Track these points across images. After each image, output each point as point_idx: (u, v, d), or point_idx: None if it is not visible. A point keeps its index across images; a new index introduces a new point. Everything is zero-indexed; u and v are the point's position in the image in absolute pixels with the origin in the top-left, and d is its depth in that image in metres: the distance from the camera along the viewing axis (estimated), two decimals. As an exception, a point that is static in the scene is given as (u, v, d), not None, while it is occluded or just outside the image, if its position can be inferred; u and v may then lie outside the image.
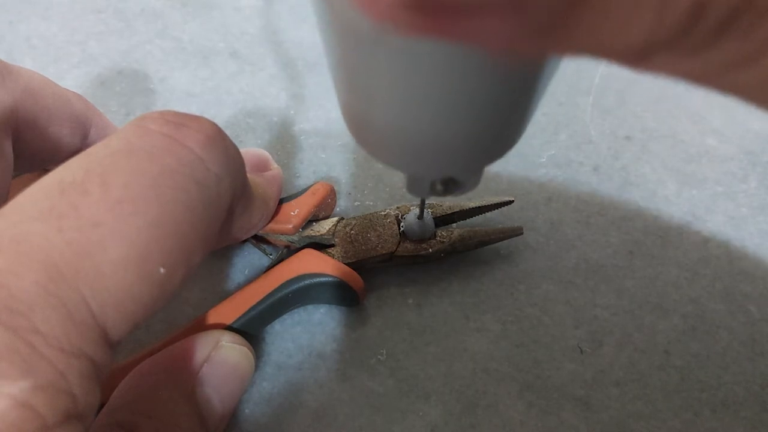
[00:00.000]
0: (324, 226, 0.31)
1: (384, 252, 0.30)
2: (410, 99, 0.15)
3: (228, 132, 0.21)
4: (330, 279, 0.29)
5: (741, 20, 0.09)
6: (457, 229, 0.31)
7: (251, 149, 0.30)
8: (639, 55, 0.10)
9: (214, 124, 0.20)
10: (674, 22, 0.09)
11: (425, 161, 0.18)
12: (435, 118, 0.16)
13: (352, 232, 0.31)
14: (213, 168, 0.19)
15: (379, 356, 0.30)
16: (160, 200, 0.17)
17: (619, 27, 0.10)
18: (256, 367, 0.28)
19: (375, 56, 0.14)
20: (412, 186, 0.22)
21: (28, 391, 0.14)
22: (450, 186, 0.21)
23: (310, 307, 0.32)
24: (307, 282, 0.29)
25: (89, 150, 0.18)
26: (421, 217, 0.30)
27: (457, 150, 0.17)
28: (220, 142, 0.20)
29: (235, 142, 0.21)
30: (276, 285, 0.29)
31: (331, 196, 0.32)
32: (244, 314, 0.28)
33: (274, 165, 0.30)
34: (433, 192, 0.21)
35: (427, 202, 0.32)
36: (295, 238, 0.30)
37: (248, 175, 0.23)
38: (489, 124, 0.16)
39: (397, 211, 0.32)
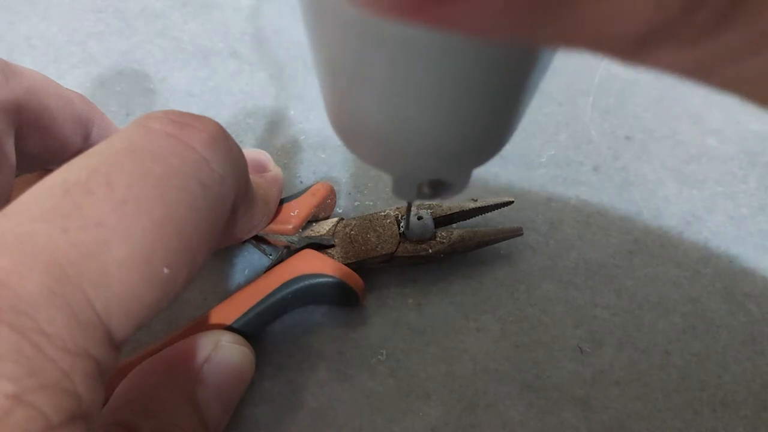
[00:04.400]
0: (324, 227, 0.31)
1: (384, 253, 0.30)
2: (396, 95, 0.15)
3: (228, 132, 0.21)
4: (330, 279, 0.29)
5: (745, 5, 0.09)
6: (457, 230, 0.31)
7: (251, 150, 0.30)
8: (636, 46, 0.10)
9: (218, 124, 0.20)
10: (675, 6, 0.09)
11: (411, 161, 0.18)
12: (422, 116, 0.15)
13: (352, 232, 0.31)
14: (217, 168, 0.19)
15: (379, 356, 0.30)
16: (164, 200, 0.17)
17: (615, 13, 0.09)
18: (256, 367, 0.28)
19: (361, 49, 0.14)
20: (399, 189, 0.21)
21: (33, 391, 0.14)
22: (438, 188, 0.21)
23: (310, 307, 0.32)
24: (307, 282, 0.29)
25: (93, 150, 0.18)
26: (407, 225, 0.30)
27: (443, 150, 0.17)
28: (223, 142, 0.20)
29: (236, 142, 0.21)
30: (276, 285, 0.29)
31: (331, 196, 0.32)
32: (244, 314, 0.28)
33: (275, 166, 0.30)
34: (420, 195, 0.21)
35: (426, 202, 0.32)
36: (295, 238, 0.30)
37: (249, 175, 0.23)
38: (477, 123, 0.16)
39: (396, 212, 0.32)
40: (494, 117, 0.16)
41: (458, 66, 0.13)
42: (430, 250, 0.31)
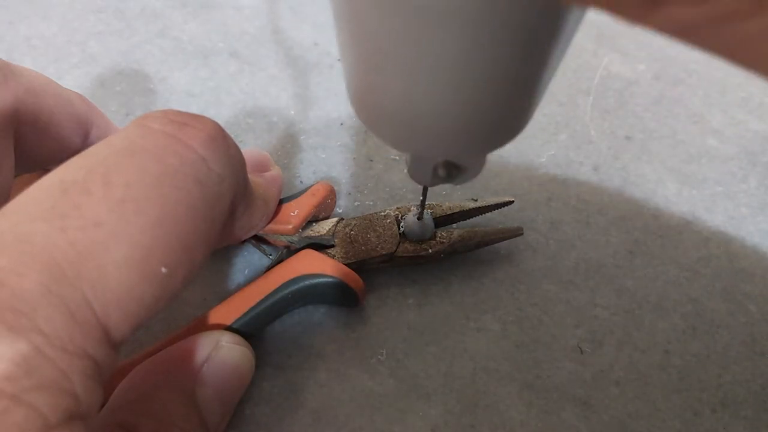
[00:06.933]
0: (324, 227, 0.31)
1: (384, 253, 0.30)
2: (417, 70, 0.15)
3: (228, 132, 0.21)
4: (330, 279, 0.29)
5: None
6: (457, 230, 0.31)
7: (251, 149, 0.30)
8: (649, 3, 0.09)
9: (217, 124, 0.20)
10: None
11: (429, 139, 0.18)
12: (441, 92, 0.15)
13: (352, 232, 0.31)
14: (215, 168, 0.19)
15: (379, 356, 0.30)
16: (163, 200, 0.17)
17: None
18: (256, 367, 0.28)
19: (386, 24, 0.14)
20: (415, 170, 0.21)
21: (31, 391, 0.14)
22: (452, 171, 0.21)
23: (310, 307, 0.32)
24: (307, 282, 0.29)
25: (91, 149, 0.18)
26: (420, 217, 0.30)
27: (461, 128, 0.17)
28: (222, 141, 0.20)
29: (235, 142, 0.21)
30: (276, 285, 0.29)
31: (330, 196, 0.32)
32: (244, 314, 0.28)
33: (274, 165, 0.30)
34: (435, 177, 0.21)
35: (427, 202, 0.32)
36: (295, 238, 0.30)
37: (249, 175, 0.23)
38: (495, 102, 0.16)
39: (396, 212, 0.32)
40: (511, 99, 0.17)
41: (477, 43, 0.14)
42: (430, 250, 0.31)
